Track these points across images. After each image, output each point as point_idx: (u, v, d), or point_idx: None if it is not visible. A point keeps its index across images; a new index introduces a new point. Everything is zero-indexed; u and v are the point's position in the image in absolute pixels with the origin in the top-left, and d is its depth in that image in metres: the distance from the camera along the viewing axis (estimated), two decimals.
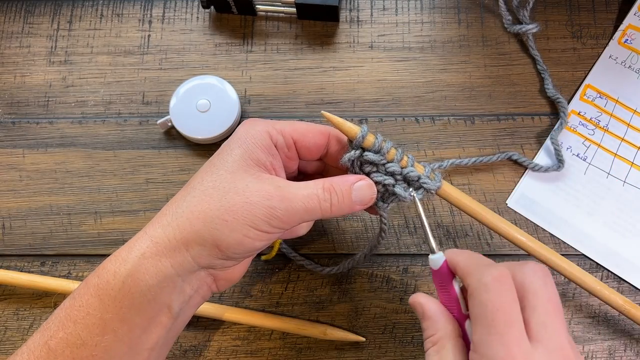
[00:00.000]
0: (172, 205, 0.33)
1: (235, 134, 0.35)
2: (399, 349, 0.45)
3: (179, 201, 0.33)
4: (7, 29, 0.52)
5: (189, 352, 0.45)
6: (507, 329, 0.29)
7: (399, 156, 0.36)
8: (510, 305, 0.29)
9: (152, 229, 0.32)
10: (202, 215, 0.32)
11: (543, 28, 0.50)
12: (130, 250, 0.32)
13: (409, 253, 0.46)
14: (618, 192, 0.47)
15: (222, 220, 0.31)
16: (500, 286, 0.30)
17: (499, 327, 0.28)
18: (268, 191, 0.32)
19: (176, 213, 0.32)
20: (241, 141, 0.34)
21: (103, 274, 0.32)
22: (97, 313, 0.31)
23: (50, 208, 0.48)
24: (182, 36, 0.52)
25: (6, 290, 0.47)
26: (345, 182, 0.35)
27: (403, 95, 0.50)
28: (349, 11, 0.52)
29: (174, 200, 0.33)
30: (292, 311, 0.46)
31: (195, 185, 0.33)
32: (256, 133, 0.34)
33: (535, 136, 0.48)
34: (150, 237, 0.32)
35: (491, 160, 0.47)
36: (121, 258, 0.32)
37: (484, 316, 0.29)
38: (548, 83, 0.48)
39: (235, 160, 0.33)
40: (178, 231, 0.32)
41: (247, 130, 0.35)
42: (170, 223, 0.32)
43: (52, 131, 0.50)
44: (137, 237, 0.33)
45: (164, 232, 0.32)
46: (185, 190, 0.34)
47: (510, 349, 0.28)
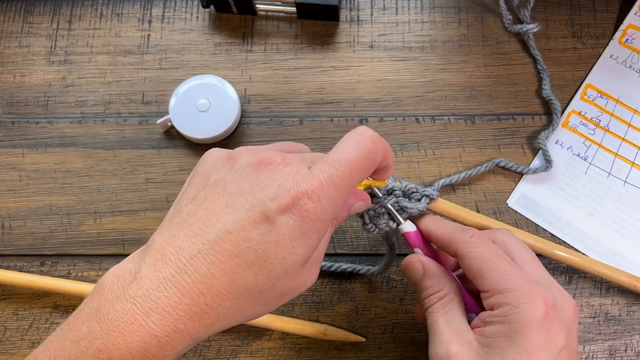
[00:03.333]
0: (214, 302, 0.27)
1: (298, 220, 0.27)
2: (399, 349, 0.45)
3: (223, 300, 0.28)
4: (7, 28, 0.52)
5: (189, 352, 0.45)
6: (512, 267, 0.32)
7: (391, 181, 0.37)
8: (500, 251, 0.33)
9: (192, 327, 0.27)
10: (243, 316, 0.29)
11: (543, 28, 0.50)
12: (162, 349, 0.27)
13: (409, 253, 0.46)
14: (619, 192, 0.46)
15: (251, 317, 0.30)
16: (484, 241, 0.34)
17: (504, 267, 0.32)
18: (307, 280, 0.31)
19: (220, 315, 0.28)
20: (305, 238, 0.28)
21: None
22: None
23: (49, 208, 0.48)
24: (182, 36, 0.52)
25: (6, 290, 0.47)
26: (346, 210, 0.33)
27: (403, 95, 0.50)
28: (349, 11, 0.52)
29: (214, 291, 0.27)
30: (292, 311, 0.45)
31: (247, 284, 0.28)
32: (323, 226, 0.29)
33: (535, 136, 0.48)
34: (190, 335, 0.27)
35: (480, 171, 0.46)
36: (150, 355, 0.27)
37: (486, 264, 0.32)
38: (546, 84, 0.48)
39: (296, 262, 0.28)
40: (218, 328, 0.28)
41: (313, 223, 0.28)
42: (212, 325, 0.28)
43: (52, 131, 0.50)
44: (168, 334, 0.27)
45: (206, 331, 0.28)
46: (229, 281, 0.27)
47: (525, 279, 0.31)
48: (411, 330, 0.45)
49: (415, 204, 0.37)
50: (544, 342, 0.29)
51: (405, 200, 0.37)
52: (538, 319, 0.30)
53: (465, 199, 0.47)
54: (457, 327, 0.33)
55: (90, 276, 0.46)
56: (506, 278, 0.31)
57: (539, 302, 0.30)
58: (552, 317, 0.30)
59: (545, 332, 0.30)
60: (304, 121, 0.49)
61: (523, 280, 0.31)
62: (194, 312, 0.27)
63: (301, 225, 0.27)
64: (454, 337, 0.32)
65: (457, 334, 0.32)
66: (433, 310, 0.34)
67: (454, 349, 0.32)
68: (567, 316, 0.31)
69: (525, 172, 0.47)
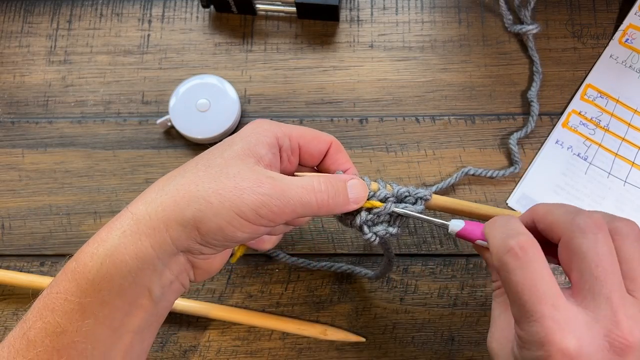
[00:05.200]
0: (159, 183, 0.32)
1: (242, 130, 0.34)
2: (399, 349, 0.45)
3: (166, 180, 0.32)
4: (7, 28, 0.52)
5: (189, 352, 0.45)
6: (609, 279, 0.27)
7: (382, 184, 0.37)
8: (611, 255, 0.28)
9: (135, 206, 0.31)
10: (188, 194, 0.30)
11: (543, 27, 0.50)
12: (110, 229, 0.31)
13: (409, 253, 0.46)
14: (619, 192, 0.46)
15: (207, 202, 0.30)
16: (598, 235, 0.28)
17: (601, 278, 0.27)
18: (260, 179, 0.31)
19: (162, 191, 0.31)
20: (244, 136, 0.34)
21: (81, 257, 0.30)
22: (75, 298, 0.30)
23: (49, 208, 0.48)
24: (182, 36, 0.52)
25: (5, 290, 0.47)
26: (340, 179, 0.34)
27: (403, 95, 0.49)
28: (349, 10, 0.52)
29: (161, 180, 0.33)
30: (292, 311, 0.45)
31: (187, 168, 0.32)
32: (262, 131, 0.34)
33: (535, 136, 0.48)
34: (131, 214, 0.31)
35: (451, 182, 0.46)
36: (100, 238, 0.30)
37: (584, 265, 0.28)
38: (535, 86, 0.48)
39: (234, 151, 0.33)
40: (161, 208, 0.30)
41: (254, 128, 0.34)
42: (155, 200, 0.31)
43: (52, 131, 0.50)
44: (118, 215, 0.31)
45: (146, 208, 0.31)
46: (175, 171, 0.33)
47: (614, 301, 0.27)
48: (411, 330, 0.45)
49: (415, 207, 0.37)
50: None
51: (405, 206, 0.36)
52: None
53: (465, 199, 0.47)
54: (505, 322, 0.31)
55: None
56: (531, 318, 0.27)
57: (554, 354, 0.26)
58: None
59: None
60: (304, 121, 0.49)
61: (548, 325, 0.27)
62: (139, 197, 0.32)
63: (244, 131, 0.34)
64: (498, 332, 0.31)
65: (503, 329, 0.31)
66: (495, 295, 0.33)
67: (494, 346, 0.31)
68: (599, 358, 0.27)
69: (496, 176, 0.47)
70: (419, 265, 0.46)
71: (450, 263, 0.46)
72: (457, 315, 0.45)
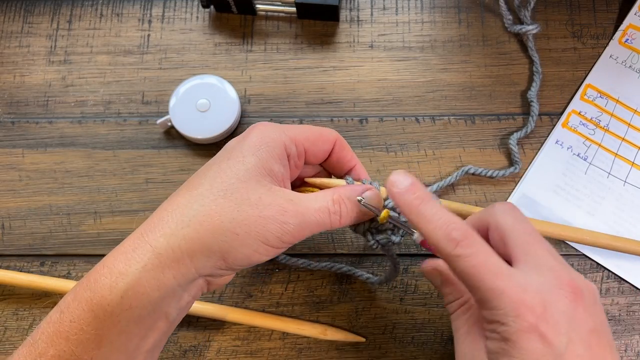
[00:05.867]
0: (176, 211, 0.31)
1: (249, 140, 0.33)
2: (399, 349, 0.45)
3: (184, 207, 0.31)
4: (7, 28, 0.52)
5: (189, 352, 0.45)
6: (494, 274, 0.30)
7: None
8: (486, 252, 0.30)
9: (154, 238, 0.30)
10: (212, 226, 0.30)
11: (543, 27, 0.50)
12: (128, 262, 0.30)
13: (409, 253, 0.46)
14: (619, 192, 0.46)
15: (234, 233, 0.30)
16: (472, 244, 0.31)
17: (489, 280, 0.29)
18: (282, 205, 0.31)
19: (182, 221, 0.30)
20: (255, 149, 0.32)
21: (97, 288, 0.29)
22: (91, 329, 0.29)
23: (49, 208, 0.48)
24: (182, 36, 0.52)
25: (5, 290, 0.47)
26: (353, 193, 0.34)
27: (403, 95, 0.49)
28: (349, 11, 0.52)
29: (176, 204, 0.31)
30: (292, 311, 0.45)
31: (203, 192, 0.31)
32: (271, 142, 0.33)
33: (535, 136, 0.48)
34: (152, 248, 0.30)
35: (451, 181, 0.46)
36: (117, 271, 0.29)
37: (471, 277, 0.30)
38: (534, 86, 0.48)
39: (248, 169, 0.31)
40: (184, 242, 0.30)
41: (262, 138, 0.33)
42: (175, 233, 0.30)
43: (52, 131, 0.50)
44: (135, 246, 0.30)
45: (167, 242, 0.30)
46: (189, 194, 0.31)
47: (509, 288, 0.29)
48: (411, 330, 0.45)
49: None
50: (542, 350, 0.28)
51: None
52: (528, 330, 0.28)
53: (465, 199, 0.47)
54: (474, 338, 0.32)
55: None
56: (494, 294, 0.29)
57: (525, 314, 0.28)
58: (544, 320, 0.28)
59: (540, 340, 0.28)
60: (304, 121, 0.49)
61: (510, 292, 0.29)
62: (154, 223, 0.31)
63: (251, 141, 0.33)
64: (469, 348, 0.32)
65: (473, 344, 0.32)
66: (454, 317, 0.34)
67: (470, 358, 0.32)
68: (562, 307, 0.29)
69: (496, 176, 0.47)
70: (419, 265, 0.46)
71: None
72: None
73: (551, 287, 0.30)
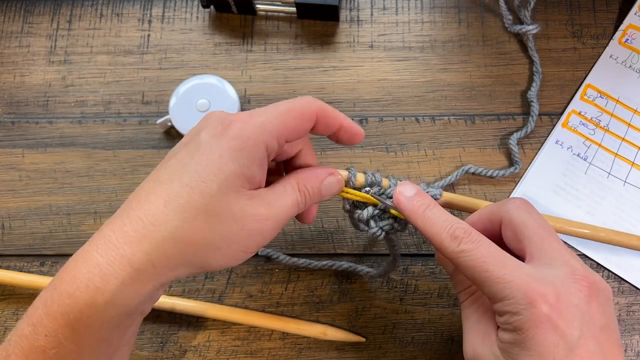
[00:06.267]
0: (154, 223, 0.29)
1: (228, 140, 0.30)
2: (399, 349, 0.45)
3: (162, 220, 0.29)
4: (7, 28, 0.52)
5: (189, 352, 0.45)
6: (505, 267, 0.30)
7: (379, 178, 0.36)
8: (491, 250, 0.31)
9: (131, 253, 0.28)
10: (193, 242, 0.29)
11: (543, 28, 0.50)
12: (105, 278, 0.28)
13: (409, 253, 0.46)
14: (619, 192, 0.46)
15: (216, 248, 0.30)
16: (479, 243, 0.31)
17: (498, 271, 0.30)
18: (262, 214, 0.30)
19: (162, 237, 0.28)
20: (235, 154, 0.30)
21: (73, 303, 0.28)
22: (71, 342, 0.28)
23: (49, 208, 0.48)
24: (182, 36, 0.52)
25: (5, 290, 0.47)
26: (316, 180, 0.34)
27: (403, 95, 0.50)
28: (349, 11, 0.52)
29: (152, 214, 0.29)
30: (292, 311, 0.45)
31: (182, 204, 0.29)
32: (253, 146, 0.30)
33: (535, 136, 0.48)
34: (131, 264, 0.28)
35: (452, 180, 0.46)
36: (94, 286, 0.28)
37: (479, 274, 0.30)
38: (534, 86, 0.48)
39: (228, 178, 0.29)
40: (164, 258, 0.29)
41: (242, 140, 0.30)
42: (156, 249, 0.28)
43: (52, 131, 0.50)
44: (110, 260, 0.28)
45: (147, 258, 0.28)
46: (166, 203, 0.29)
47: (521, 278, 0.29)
48: (411, 330, 0.45)
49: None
50: (555, 341, 0.28)
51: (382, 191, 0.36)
52: (541, 320, 0.28)
53: None
54: (484, 326, 0.32)
55: None
56: (503, 283, 0.29)
57: (538, 303, 0.28)
58: (557, 311, 0.28)
59: (553, 330, 0.28)
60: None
61: (520, 280, 0.29)
62: (132, 238, 0.28)
63: (229, 143, 0.29)
64: (479, 337, 0.32)
65: (484, 333, 0.32)
66: (464, 306, 0.34)
67: (479, 351, 0.32)
68: (576, 301, 0.29)
69: (496, 176, 0.47)
70: (419, 265, 0.46)
71: None
72: (457, 315, 0.45)
73: (565, 279, 0.30)
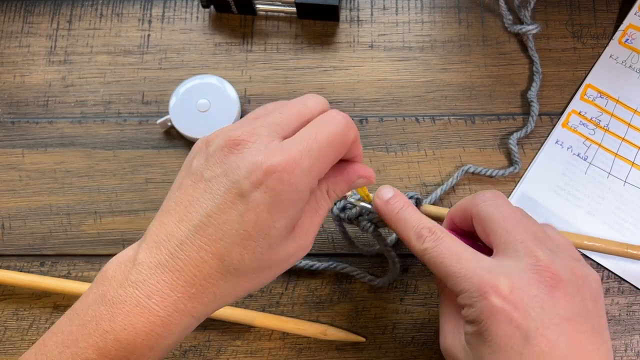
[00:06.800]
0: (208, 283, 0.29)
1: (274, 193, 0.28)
2: (399, 349, 0.45)
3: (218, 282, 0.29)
4: (7, 28, 0.52)
5: (189, 352, 0.45)
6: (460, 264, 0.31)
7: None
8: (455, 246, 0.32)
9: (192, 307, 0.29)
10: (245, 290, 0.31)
11: (543, 28, 0.50)
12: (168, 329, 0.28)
13: (409, 253, 0.46)
14: (619, 192, 0.46)
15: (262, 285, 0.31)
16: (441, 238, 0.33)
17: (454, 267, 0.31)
18: (303, 245, 0.31)
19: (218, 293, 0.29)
20: (285, 207, 0.28)
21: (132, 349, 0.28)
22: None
23: (49, 208, 0.48)
24: (182, 36, 0.52)
25: (5, 290, 0.47)
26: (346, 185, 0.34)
27: (403, 95, 0.50)
28: (349, 11, 0.52)
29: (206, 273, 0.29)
30: (292, 311, 0.45)
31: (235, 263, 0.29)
32: (301, 198, 0.29)
33: (535, 136, 0.48)
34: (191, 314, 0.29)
35: (452, 183, 0.46)
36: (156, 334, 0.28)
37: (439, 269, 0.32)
38: (535, 86, 0.48)
39: (279, 233, 0.29)
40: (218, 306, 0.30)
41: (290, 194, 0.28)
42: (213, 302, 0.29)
43: (52, 131, 0.50)
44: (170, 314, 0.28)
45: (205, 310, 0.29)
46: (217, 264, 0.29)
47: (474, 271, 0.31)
48: (411, 330, 0.45)
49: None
50: (510, 332, 0.28)
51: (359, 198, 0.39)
52: (493, 312, 0.28)
53: None
54: (454, 320, 0.33)
55: (90, 276, 0.46)
56: (459, 277, 0.30)
57: (489, 295, 0.29)
58: (511, 302, 0.28)
59: (507, 322, 0.28)
60: None
61: (474, 274, 0.30)
62: (191, 293, 0.28)
63: (277, 198, 0.28)
64: (450, 330, 0.33)
65: (454, 326, 0.33)
66: (440, 301, 0.35)
67: (449, 341, 0.32)
68: (536, 292, 0.29)
69: (496, 175, 0.47)
70: (419, 265, 0.46)
71: None
72: None
73: (524, 271, 0.30)
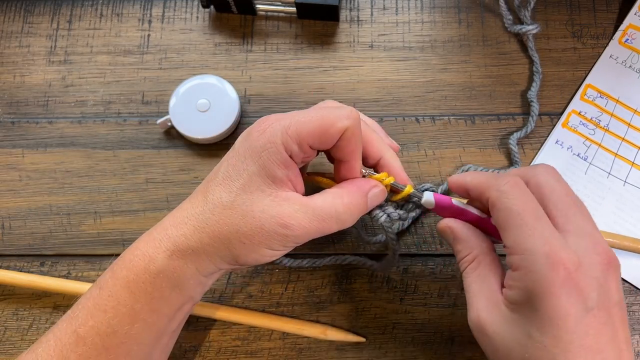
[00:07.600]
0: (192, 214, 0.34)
1: (251, 142, 0.33)
2: (399, 349, 0.45)
3: (199, 212, 0.33)
4: (7, 28, 0.52)
5: (189, 352, 0.45)
6: (538, 223, 0.30)
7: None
8: (533, 202, 0.31)
9: (176, 236, 0.33)
10: (221, 236, 0.33)
11: (543, 28, 0.50)
12: (157, 250, 0.33)
13: (409, 253, 0.46)
14: (619, 192, 0.46)
15: (240, 242, 0.32)
16: (518, 190, 0.32)
17: (529, 223, 0.30)
18: (284, 218, 0.32)
19: (197, 227, 0.33)
20: (257, 154, 0.33)
21: (132, 267, 0.33)
22: (127, 303, 0.33)
23: (49, 208, 0.48)
24: (182, 36, 0.52)
25: (5, 290, 0.47)
26: (361, 193, 0.35)
27: (403, 95, 0.50)
28: (349, 10, 0.52)
29: (192, 208, 0.34)
30: (292, 311, 0.45)
31: (214, 200, 0.33)
32: (271, 146, 0.32)
33: (535, 136, 0.48)
34: (173, 242, 0.33)
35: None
36: (149, 256, 0.33)
37: (513, 218, 0.31)
38: (535, 86, 0.48)
39: (251, 176, 0.33)
40: (200, 244, 0.33)
41: (263, 141, 0.32)
42: (193, 234, 0.33)
43: (52, 131, 0.50)
44: (161, 238, 0.34)
45: (187, 242, 0.33)
46: (204, 200, 0.34)
47: (547, 238, 0.29)
48: (411, 330, 0.45)
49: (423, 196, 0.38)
50: (567, 309, 0.28)
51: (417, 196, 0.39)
52: (557, 285, 0.28)
53: None
54: (488, 291, 0.32)
55: (90, 276, 0.46)
56: (527, 237, 0.29)
57: (557, 267, 0.28)
58: (575, 279, 0.28)
59: (567, 297, 0.28)
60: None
61: (545, 239, 0.29)
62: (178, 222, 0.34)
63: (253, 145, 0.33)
64: (483, 302, 0.32)
65: (488, 298, 0.32)
66: (466, 274, 0.34)
67: (484, 315, 0.32)
68: (595, 273, 0.29)
69: None
70: (419, 265, 0.46)
71: (450, 263, 0.46)
72: (457, 315, 0.45)
73: (588, 250, 0.30)
